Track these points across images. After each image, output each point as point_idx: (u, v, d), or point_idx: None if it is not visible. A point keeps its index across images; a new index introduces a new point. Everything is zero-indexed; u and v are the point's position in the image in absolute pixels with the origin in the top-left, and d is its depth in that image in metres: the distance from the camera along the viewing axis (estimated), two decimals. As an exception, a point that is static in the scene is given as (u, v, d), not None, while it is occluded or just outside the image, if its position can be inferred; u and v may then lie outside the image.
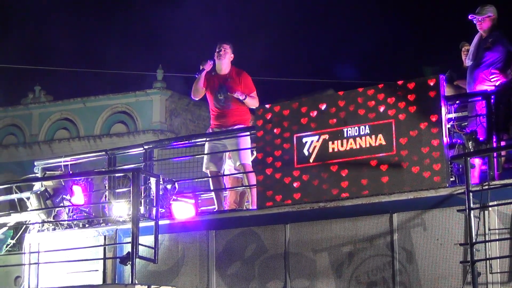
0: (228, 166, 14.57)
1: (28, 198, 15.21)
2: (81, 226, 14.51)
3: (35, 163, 16.08)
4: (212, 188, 14.50)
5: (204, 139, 15.01)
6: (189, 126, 42.03)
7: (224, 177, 14.68)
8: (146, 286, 12.96)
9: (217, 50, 14.58)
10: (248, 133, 14.08)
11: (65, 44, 43.25)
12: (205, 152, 14.58)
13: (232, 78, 14.44)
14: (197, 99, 15.10)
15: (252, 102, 14.36)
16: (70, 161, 15.91)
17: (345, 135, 12.52)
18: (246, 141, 14.08)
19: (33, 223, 14.93)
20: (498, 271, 11.12)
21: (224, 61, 14.55)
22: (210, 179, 14.53)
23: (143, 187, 13.30)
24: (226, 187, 14.77)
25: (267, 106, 13.48)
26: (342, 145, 12.53)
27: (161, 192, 13.50)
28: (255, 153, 13.81)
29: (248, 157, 13.99)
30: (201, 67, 14.60)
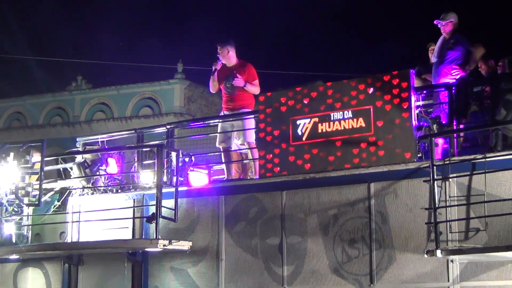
0: (234, 144, 14.52)
1: (71, 168, 15.23)
2: (114, 191, 14.54)
3: (77, 140, 16.10)
4: (223, 160, 14.50)
5: (216, 120, 15.00)
6: (204, 110, 41.94)
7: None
8: (168, 241, 12.98)
9: (218, 52, 14.57)
10: (252, 116, 14.05)
11: (103, 40, 43.15)
12: (218, 131, 14.57)
13: (238, 69, 14.41)
14: (214, 92, 15.06)
15: (253, 89, 14.33)
16: (106, 138, 15.92)
17: (332, 118, 12.50)
18: (250, 122, 14.05)
19: (75, 189, 14.96)
20: (457, 231, 11.12)
21: (226, 58, 14.53)
22: (222, 153, 14.54)
23: (165, 159, 13.30)
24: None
25: (268, 94, 13.47)
26: (329, 127, 12.51)
27: (180, 164, 13.51)
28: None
29: (251, 136, 13.97)
30: (213, 68, 14.59)
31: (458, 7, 13.82)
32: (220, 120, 14.64)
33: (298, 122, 12.82)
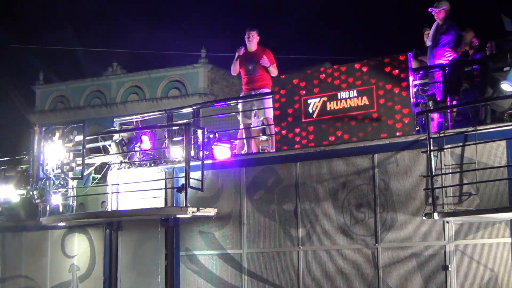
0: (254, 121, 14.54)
1: (109, 145, 15.28)
2: (148, 165, 14.56)
3: (114, 120, 16.11)
4: (244, 136, 14.51)
5: (236, 101, 15.00)
6: (225, 90, 41.87)
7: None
8: (196, 208, 13.04)
9: (246, 35, 14.58)
10: (270, 96, 14.04)
11: (135, 31, 43.11)
12: (240, 109, 14.60)
13: (259, 53, 14.45)
14: (235, 74, 15.05)
15: (274, 70, 14.39)
16: (140, 118, 15.95)
17: (339, 97, 12.47)
18: (269, 101, 14.03)
19: (113, 163, 15.01)
20: (451, 195, 11.12)
21: (252, 43, 14.54)
22: (243, 129, 14.56)
23: (192, 136, 13.33)
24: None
25: (282, 77, 13.46)
26: (337, 105, 12.48)
27: (205, 140, 13.53)
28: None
29: (270, 113, 13.96)
30: (236, 54, 14.59)
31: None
32: (241, 101, 14.66)
33: (309, 101, 12.79)
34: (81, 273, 15.12)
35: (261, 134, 14.57)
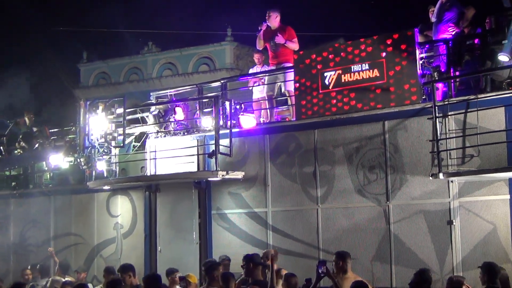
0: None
1: (147, 116, 15.35)
2: (182, 134, 14.63)
3: (151, 93, 16.19)
4: (268, 106, 14.53)
5: (262, 74, 15.00)
6: (250, 65, 41.23)
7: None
8: (225, 172, 13.10)
9: (266, 16, 14.55)
10: (291, 69, 14.00)
11: (171, 13, 42.96)
12: (266, 82, 14.61)
13: (280, 31, 14.40)
14: (260, 48, 15.06)
15: (293, 45, 14.33)
16: (173, 91, 15.99)
17: (352, 70, 12.42)
18: (290, 74, 14.00)
19: (151, 133, 15.09)
20: (455, 157, 11.09)
21: (272, 22, 14.49)
22: (267, 100, 14.57)
23: (221, 107, 13.35)
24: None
25: (301, 52, 13.41)
26: (351, 77, 12.44)
27: (232, 110, 13.54)
28: None
29: (291, 85, 13.93)
30: (259, 28, 14.57)
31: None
32: (267, 74, 14.69)
33: (325, 74, 12.76)
34: (125, 231, 15.30)
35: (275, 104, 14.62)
